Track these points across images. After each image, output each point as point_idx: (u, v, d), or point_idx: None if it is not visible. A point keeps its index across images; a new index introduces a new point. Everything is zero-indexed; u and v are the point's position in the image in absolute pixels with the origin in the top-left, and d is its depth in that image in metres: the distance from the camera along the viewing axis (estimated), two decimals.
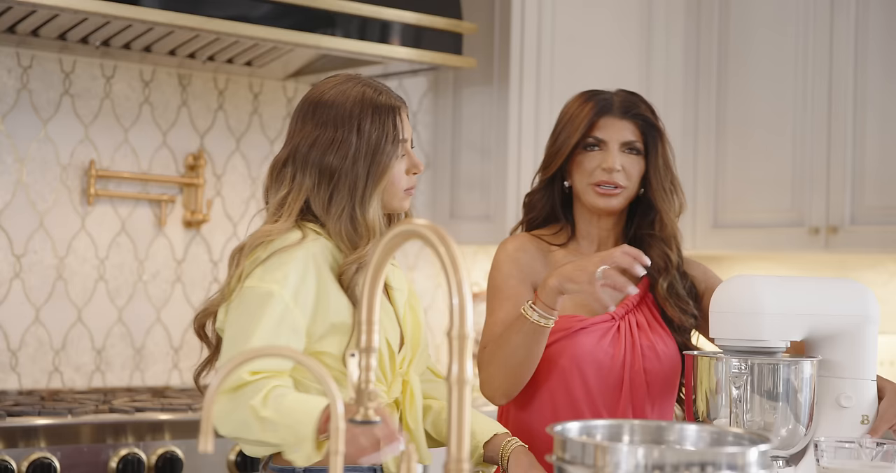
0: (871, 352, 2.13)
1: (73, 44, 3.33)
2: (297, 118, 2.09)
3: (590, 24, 3.91)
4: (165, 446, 2.96)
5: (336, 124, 2.02)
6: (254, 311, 1.91)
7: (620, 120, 2.33)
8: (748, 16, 3.84)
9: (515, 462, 2.04)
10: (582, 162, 2.34)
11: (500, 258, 2.37)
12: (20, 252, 3.43)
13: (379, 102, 2.04)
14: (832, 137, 3.60)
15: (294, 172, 2.04)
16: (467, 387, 1.23)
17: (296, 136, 2.06)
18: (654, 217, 2.38)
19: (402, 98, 2.13)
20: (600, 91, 2.39)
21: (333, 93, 2.05)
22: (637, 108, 2.35)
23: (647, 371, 2.31)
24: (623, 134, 2.33)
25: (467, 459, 1.23)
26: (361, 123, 2.02)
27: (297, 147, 2.04)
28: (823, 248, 3.61)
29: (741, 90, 3.85)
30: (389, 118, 2.04)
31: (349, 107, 2.03)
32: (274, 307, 1.91)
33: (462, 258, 1.25)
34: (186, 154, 3.71)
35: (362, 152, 2.02)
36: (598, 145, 2.33)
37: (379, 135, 2.02)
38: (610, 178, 2.31)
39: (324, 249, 2.01)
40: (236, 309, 1.94)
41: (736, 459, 1.36)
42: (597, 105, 2.34)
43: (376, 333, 1.33)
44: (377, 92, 2.06)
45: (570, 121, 2.35)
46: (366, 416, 1.32)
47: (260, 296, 1.92)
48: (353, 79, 2.09)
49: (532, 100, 3.86)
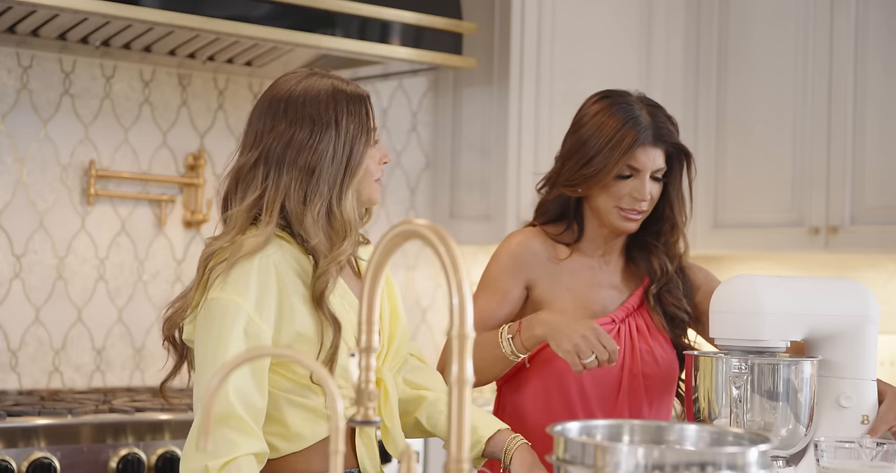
0: (871, 352, 2.13)
1: (73, 44, 3.33)
2: (262, 117, 2.01)
3: (590, 23, 3.91)
4: (165, 446, 2.96)
5: (313, 120, 1.97)
6: (220, 326, 1.88)
7: (654, 148, 2.30)
8: (748, 12, 3.84)
9: (519, 460, 2.04)
10: (610, 187, 2.30)
11: (501, 250, 2.39)
12: (20, 252, 3.43)
13: (349, 93, 2.00)
14: (832, 136, 3.60)
15: (267, 172, 1.97)
16: (467, 387, 1.23)
17: (266, 137, 1.98)
18: (665, 229, 2.38)
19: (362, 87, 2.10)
20: (631, 106, 2.32)
21: (302, 89, 1.99)
22: (670, 136, 2.32)
23: (646, 375, 2.31)
24: (656, 162, 2.30)
25: (467, 459, 1.23)
26: (338, 117, 1.98)
27: (270, 147, 1.97)
28: (823, 248, 3.61)
29: (741, 87, 3.85)
30: (362, 108, 2.01)
31: (323, 100, 1.98)
32: (238, 320, 1.88)
33: (462, 258, 1.25)
34: (186, 154, 3.71)
35: (340, 146, 1.97)
36: (631, 174, 2.30)
37: (355, 128, 1.98)
38: (639, 207, 2.30)
39: (286, 256, 1.96)
40: (203, 323, 1.91)
41: (736, 459, 1.36)
42: (638, 134, 2.28)
43: (376, 333, 1.33)
44: (345, 83, 2.02)
45: (609, 148, 2.28)
46: (366, 416, 1.32)
47: (224, 309, 1.88)
48: (315, 73, 2.03)
49: (532, 100, 3.86)
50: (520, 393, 2.35)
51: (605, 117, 2.31)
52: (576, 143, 2.33)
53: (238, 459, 1.83)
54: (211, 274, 1.92)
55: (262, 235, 1.93)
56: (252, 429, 1.86)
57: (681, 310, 2.36)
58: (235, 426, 1.85)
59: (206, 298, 1.91)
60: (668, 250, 2.39)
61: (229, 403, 1.84)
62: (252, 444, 1.85)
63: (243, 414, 1.85)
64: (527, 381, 2.33)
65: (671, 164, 2.34)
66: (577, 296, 2.35)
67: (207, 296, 1.91)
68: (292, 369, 1.95)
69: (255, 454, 1.86)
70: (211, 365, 1.88)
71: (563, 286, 2.36)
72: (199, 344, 1.92)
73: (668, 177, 2.35)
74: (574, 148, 2.33)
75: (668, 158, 2.33)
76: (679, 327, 2.38)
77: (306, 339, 1.93)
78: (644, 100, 2.35)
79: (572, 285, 2.36)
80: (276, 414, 1.95)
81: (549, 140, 3.85)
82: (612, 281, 2.40)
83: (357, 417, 1.32)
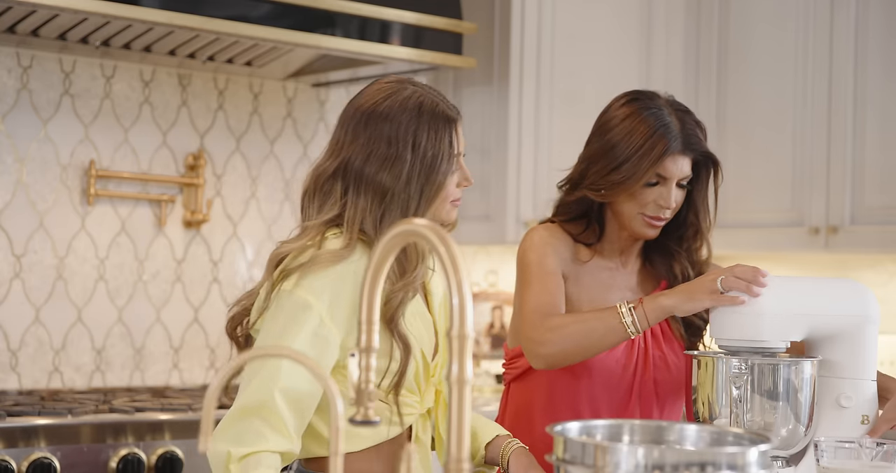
0: (871, 352, 2.13)
1: (73, 44, 3.33)
2: (346, 127, 1.97)
3: (590, 23, 3.91)
4: (165, 446, 2.96)
5: (390, 139, 1.92)
6: (287, 319, 1.86)
7: (682, 156, 2.26)
8: (748, 13, 3.84)
9: (515, 463, 2.04)
10: (636, 194, 2.27)
11: (535, 239, 2.33)
12: (20, 252, 3.43)
13: (435, 116, 1.94)
14: (832, 137, 3.60)
15: (346, 187, 1.93)
16: (467, 387, 1.23)
17: (346, 148, 1.95)
18: (688, 234, 2.35)
19: (457, 108, 2.01)
20: (661, 111, 2.27)
21: (388, 105, 1.94)
22: (699, 144, 2.28)
23: (657, 381, 2.30)
24: (683, 170, 2.26)
25: (467, 459, 1.23)
26: (417, 140, 1.92)
27: (349, 160, 1.93)
28: (823, 248, 3.61)
29: (741, 88, 3.85)
30: (446, 134, 1.94)
31: (405, 121, 1.92)
32: (309, 320, 1.85)
33: (462, 258, 1.25)
34: (186, 154, 3.71)
35: (416, 170, 1.91)
36: (658, 182, 2.27)
37: (435, 153, 1.92)
38: (663, 214, 2.28)
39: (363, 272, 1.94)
40: (272, 314, 1.89)
41: (736, 459, 1.36)
42: (669, 143, 2.23)
43: (376, 333, 1.33)
44: (433, 104, 1.95)
45: (639, 157, 2.23)
46: (365, 416, 1.32)
47: (296, 306, 1.86)
48: (406, 86, 1.97)
49: (532, 100, 3.86)
50: (528, 397, 2.34)
51: (634, 122, 2.26)
52: (603, 147, 2.28)
53: (260, 453, 1.79)
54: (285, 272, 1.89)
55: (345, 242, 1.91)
56: (285, 428, 1.82)
57: (698, 317, 2.33)
58: (269, 420, 1.81)
59: (280, 289, 1.88)
60: (691, 256, 2.36)
61: (271, 397, 1.81)
62: (280, 443, 1.82)
63: (282, 411, 1.81)
64: (536, 386, 2.33)
65: (697, 171, 2.30)
66: (593, 297, 2.33)
67: (281, 288, 1.88)
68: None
69: (281, 452, 1.82)
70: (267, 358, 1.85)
71: (583, 285, 2.34)
72: (263, 333, 1.89)
73: (693, 184, 2.31)
74: (601, 151, 2.28)
75: (694, 165, 2.29)
76: (696, 334, 2.35)
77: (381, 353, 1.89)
78: (673, 104, 2.30)
79: (590, 285, 2.34)
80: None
81: (549, 140, 3.86)
82: (628, 284, 2.38)
83: (357, 417, 1.32)
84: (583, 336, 2.15)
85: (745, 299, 2.05)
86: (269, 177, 3.86)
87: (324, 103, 3.98)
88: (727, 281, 2.05)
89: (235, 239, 3.80)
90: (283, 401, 1.82)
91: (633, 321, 2.12)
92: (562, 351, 2.17)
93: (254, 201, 3.83)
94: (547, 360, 2.20)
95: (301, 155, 3.93)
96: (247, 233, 3.82)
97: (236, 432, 1.81)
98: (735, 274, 2.06)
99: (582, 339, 2.15)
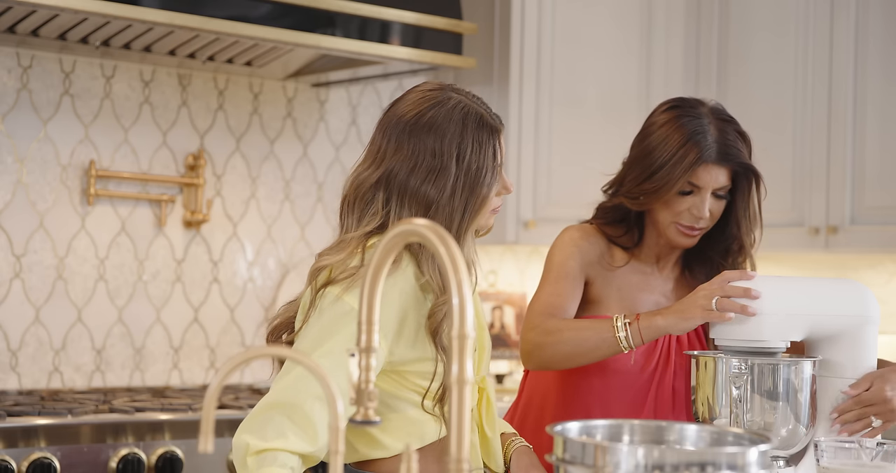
0: (871, 352, 2.13)
1: (73, 44, 3.33)
2: (388, 136, 1.93)
3: (590, 24, 3.91)
4: (165, 446, 2.96)
5: (435, 151, 1.89)
6: (330, 320, 1.83)
7: (718, 166, 2.23)
8: (748, 17, 3.84)
9: (516, 462, 2.04)
10: (671, 202, 2.25)
11: (564, 239, 2.33)
12: (20, 252, 3.43)
13: (480, 127, 1.91)
14: (832, 137, 3.60)
15: (388, 198, 1.90)
16: (467, 387, 1.23)
17: (389, 158, 1.91)
18: (734, 248, 2.32)
19: (499, 117, 2.00)
20: (699, 120, 2.24)
21: (433, 115, 1.90)
22: (737, 155, 2.24)
23: (675, 390, 2.29)
24: (718, 180, 2.24)
25: (467, 459, 1.23)
26: (462, 152, 1.89)
27: (392, 171, 1.90)
28: (823, 248, 3.61)
29: (741, 91, 3.85)
30: (490, 145, 1.92)
31: (450, 133, 1.90)
32: (350, 324, 1.81)
33: (462, 258, 1.25)
34: (186, 154, 3.71)
35: (461, 183, 1.89)
36: (692, 191, 2.25)
37: (479, 166, 1.90)
38: (697, 224, 2.26)
39: (413, 281, 1.89)
40: (315, 318, 1.85)
41: (736, 459, 1.36)
42: (701, 152, 2.21)
43: (376, 333, 1.33)
44: (478, 114, 1.93)
45: (672, 164, 2.21)
46: (366, 416, 1.32)
47: (341, 309, 1.83)
48: (450, 95, 1.94)
49: (532, 101, 3.86)
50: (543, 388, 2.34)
51: (671, 129, 2.25)
52: (641, 152, 2.28)
53: (278, 451, 1.75)
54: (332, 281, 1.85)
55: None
56: (312, 428, 1.76)
57: None
58: (294, 418, 1.77)
59: (325, 293, 1.85)
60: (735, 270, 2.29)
61: (303, 397, 1.77)
62: (300, 444, 1.76)
63: (311, 413, 1.76)
64: (551, 378, 2.33)
65: (738, 182, 2.27)
66: (625, 298, 2.33)
67: (326, 292, 1.85)
68: (406, 377, 1.89)
69: (301, 454, 1.77)
70: (307, 350, 1.82)
71: (614, 286, 2.34)
72: (304, 331, 1.86)
73: (734, 195, 2.28)
74: (639, 157, 2.28)
75: (735, 176, 2.26)
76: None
77: (428, 360, 1.88)
78: (716, 112, 2.28)
79: (623, 286, 2.34)
80: (388, 415, 1.89)
81: (548, 140, 3.86)
82: (663, 289, 2.37)
83: (357, 417, 1.32)
84: (576, 343, 2.16)
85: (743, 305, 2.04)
86: (269, 178, 3.86)
87: (324, 103, 3.98)
88: (722, 304, 2.04)
89: (235, 239, 3.80)
90: (319, 404, 1.77)
91: (626, 335, 2.12)
92: (552, 355, 2.19)
93: (254, 201, 3.83)
94: (537, 362, 2.22)
95: (301, 155, 3.93)
96: (247, 233, 3.82)
97: (261, 425, 1.77)
98: (727, 293, 2.04)
99: (575, 346, 2.16)
